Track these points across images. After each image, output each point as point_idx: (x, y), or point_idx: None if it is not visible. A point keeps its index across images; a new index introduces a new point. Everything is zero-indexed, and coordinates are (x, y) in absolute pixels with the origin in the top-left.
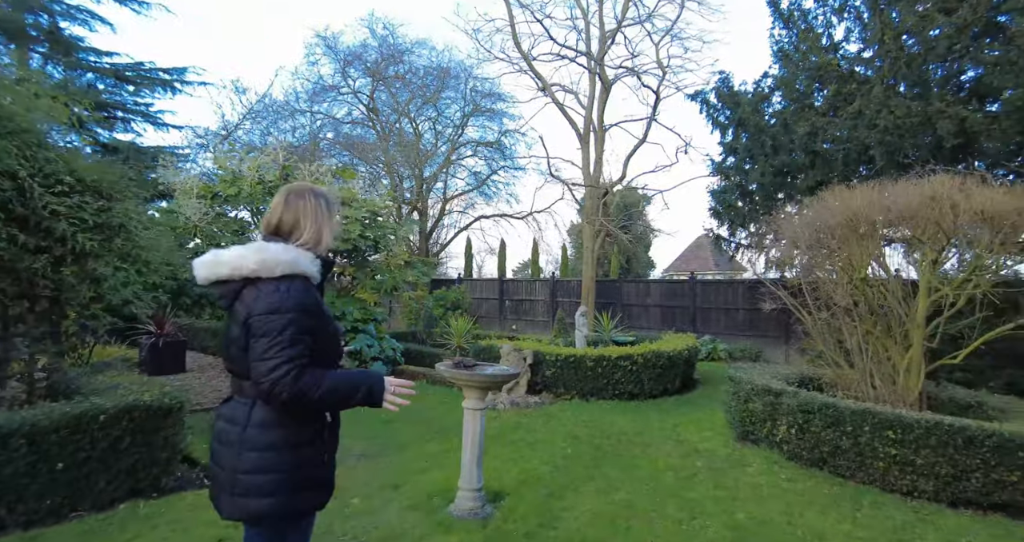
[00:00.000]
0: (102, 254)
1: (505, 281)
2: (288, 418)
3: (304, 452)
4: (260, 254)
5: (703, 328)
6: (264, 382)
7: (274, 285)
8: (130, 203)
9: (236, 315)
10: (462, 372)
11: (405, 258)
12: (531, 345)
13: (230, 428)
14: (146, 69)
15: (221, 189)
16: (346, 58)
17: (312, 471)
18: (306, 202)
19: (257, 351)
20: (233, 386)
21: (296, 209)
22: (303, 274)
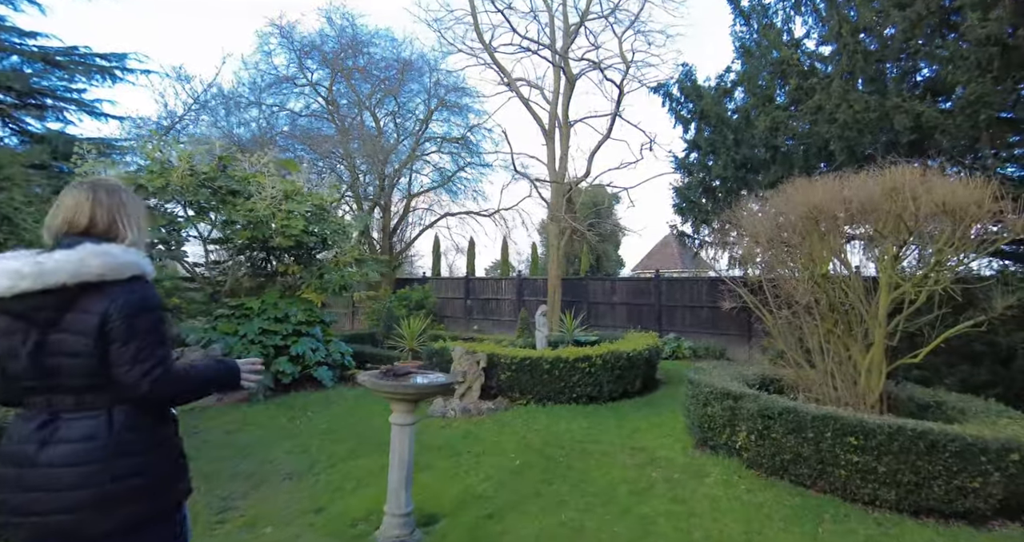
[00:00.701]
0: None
1: (471, 280)
2: (151, 418)
3: (172, 445)
4: (104, 257)
5: (668, 326)
6: (143, 384)
7: (128, 287)
8: (17, 192)
9: (75, 327)
10: (385, 383)
11: (355, 255)
12: (487, 347)
13: (84, 445)
14: (80, 54)
15: (146, 181)
16: (303, 48)
17: (179, 461)
18: (121, 200)
19: (128, 355)
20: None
21: (111, 208)
22: (148, 275)
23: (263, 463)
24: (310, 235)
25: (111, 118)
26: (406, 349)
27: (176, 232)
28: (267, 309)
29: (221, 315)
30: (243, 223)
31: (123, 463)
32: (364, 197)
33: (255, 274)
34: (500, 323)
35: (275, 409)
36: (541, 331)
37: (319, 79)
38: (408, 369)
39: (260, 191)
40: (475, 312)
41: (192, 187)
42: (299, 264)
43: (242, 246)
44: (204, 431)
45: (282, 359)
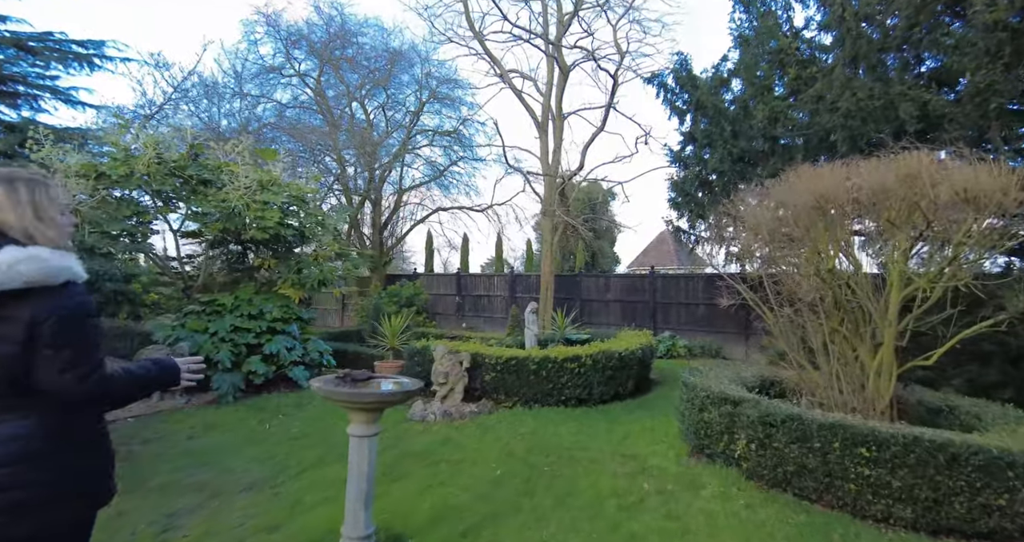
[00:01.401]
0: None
1: (463, 276)
2: (76, 425)
3: (96, 453)
4: (34, 263)
5: (663, 324)
6: (78, 389)
7: (61, 293)
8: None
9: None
10: (340, 390)
11: (337, 250)
12: (471, 346)
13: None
14: (55, 40)
15: (108, 169)
16: (289, 38)
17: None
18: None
19: (62, 361)
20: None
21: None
22: (80, 278)
23: (222, 472)
24: (286, 228)
25: (88, 107)
26: (388, 348)
27: (144, 224)
28: (240, 305)
29: (191, 312)
30: (215, 215)
31: (43, 468)
32: (354, 191)
33: (230, 269)
34: (492, 320)
35: (245, 411)
36: (531, 329)
37: (307, 70)
38: (370, 374)
39: (233, 181)
40: (467, 309)
41: (159, 176)
42: (276, 258)
43: (216, 239)
44: (165, 437)
45: (255, 358)
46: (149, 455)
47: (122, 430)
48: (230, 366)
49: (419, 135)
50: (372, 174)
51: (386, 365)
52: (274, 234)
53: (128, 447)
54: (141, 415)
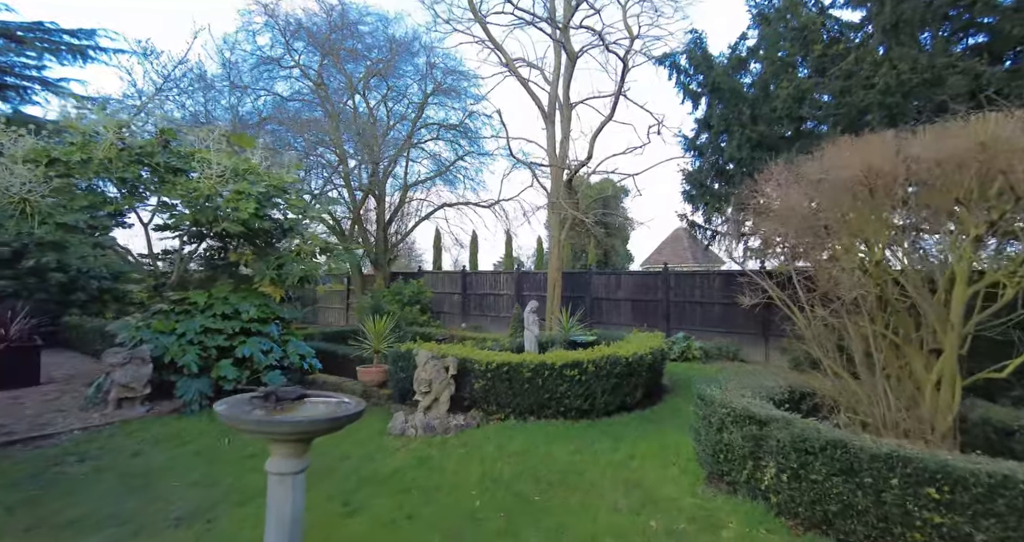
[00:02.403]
0: None
1: (468, 274)
2: None
3: None
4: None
5: (677, 324)
6: None
7: None
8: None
9: None
10: (247, 418)
11: (321, 244)
12: (458, 350)
13: None
14: (46, 30)
15: (63, 154)
16: (288, 28)
17: None
18: None
19: None
20: None
21: None
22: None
23: (153, 501)
24: (263, 219)
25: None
26: (371, 351)
27: (111, 215)
28: (215, 304)
29: (160, 311)
30: (183, 205)
31: None
32: (357, 186)
33: (208, 265)
34: (498, 320)
35: (208, 423)
36: (530, 330)
37: (306, 61)
38: (302, 391)
39: (205, 168)
40: (472, 308)
41: (122, 162)
42: (256, 254)
43: (191, 233)
44: (108, 453)
45: (225, 362)
46: (78, 478)
47: (64, 444)
48: (197, 371)
49: (423, 129)
50: (376, 169)
51: (368, 370)
52: (249, 226)
53: (59, 467)
54: (92, 427)
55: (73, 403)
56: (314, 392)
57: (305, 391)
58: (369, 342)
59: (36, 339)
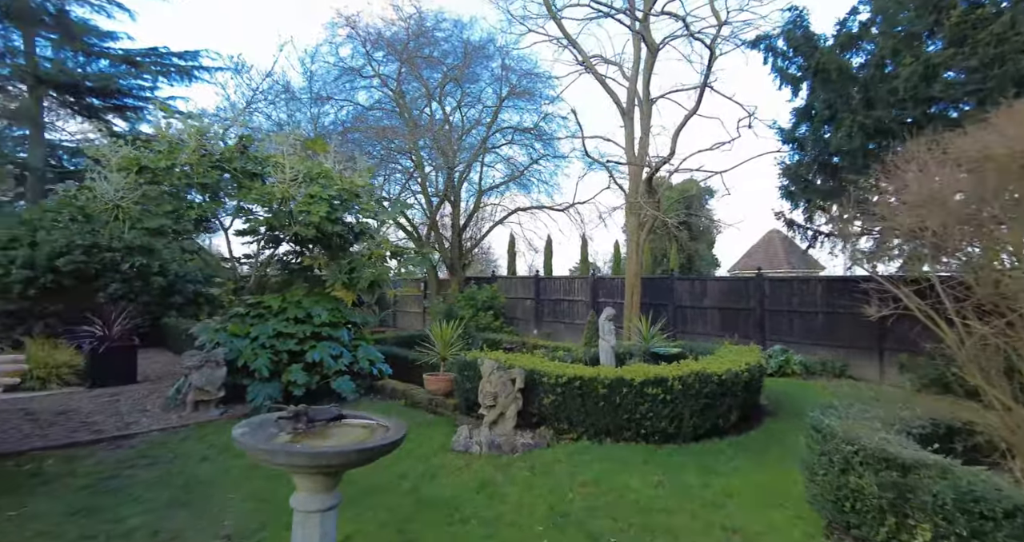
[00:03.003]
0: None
1: (541, 279)
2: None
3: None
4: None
5: (773, 335)
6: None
7: None
8: None
9: None
10: (261, 445)
11: (391, 249)
12: (528, 361)
13: None
14: (159, 54)
15: (151, 162)
16: (368, 38)
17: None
18: None
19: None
20: None
21: None
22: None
23: (208, 514)
24: (334, 223)
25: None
26: (437, 358)
27: (198, 221)
28: (288, 308)
29: (236, 314)
30: (259, 209)
31: None
32: (433, 193)
33: (285, 269)
34: (572, 327)
35: None
36: (606, 340)
37: (386, 71)
38: (339, 411)
39: (280, 172)
40: (545, 314)
41: (203, 168)
42: (330, 257)
43: (269, 237)
44: (178, 458)
45: (296, 367)
46: (145, 483)
47: (140, 447)
48: (268, 375)
49: (498, 133)
50: (451, 174)
51: (435, 378)
52: (321, 230)
53: (132, 471)
54: (169, 428)
55: (158, 403)
56: (353, 413)
57: (342, 411)
58: (435, 348)
59: (134, 339)
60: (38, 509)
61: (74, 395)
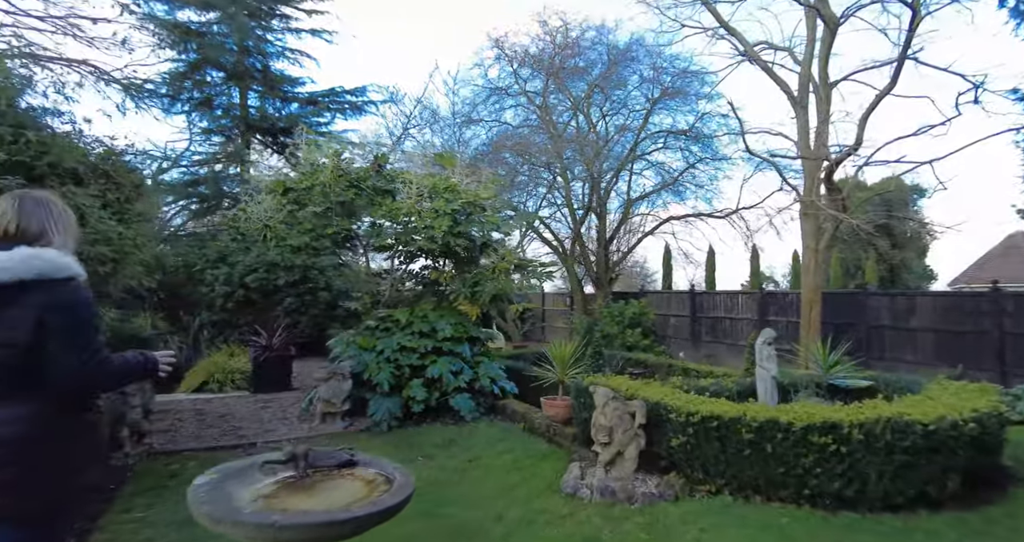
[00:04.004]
0: None
1: (697, 294)
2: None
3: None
4: (41, 259)
5: (1019, 369)
6: (80, 369)
7: (64, 286)
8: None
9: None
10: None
11: (514, 261)
12: (654, 391)
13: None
14: (336, 93)
15: (294, 184)
16: (516, 57)
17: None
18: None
19: (66, 344)
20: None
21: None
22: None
23: None
24: (457, 236)
25: (353, 145)
26: (555, 380)
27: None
28: (414, 322)
29: (368, 327)
30: (389, 225)
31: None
32: (578, 206)
33: (418, 283)
34: (735, 349)
35: (388, 446)
36: (764, 368)
37: (532, 87)
38: (349, 456)
39: (408, 188)
40: (703, 333)
41: (340, 187)
42: (455, 271)
43: (400, 252)
44: None
45: (416, 382)
46: None
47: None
48: (388, 390)
49: (647, 139)
50: (596, 185)
51: (552, 403)
52: (444, 244)
53: None
54: (299, 438)
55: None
56: (368, 459)
57: (354, 456)
58: (554, 369)
59: (291, 349)
60: (159, 515)
61: (239, 399)
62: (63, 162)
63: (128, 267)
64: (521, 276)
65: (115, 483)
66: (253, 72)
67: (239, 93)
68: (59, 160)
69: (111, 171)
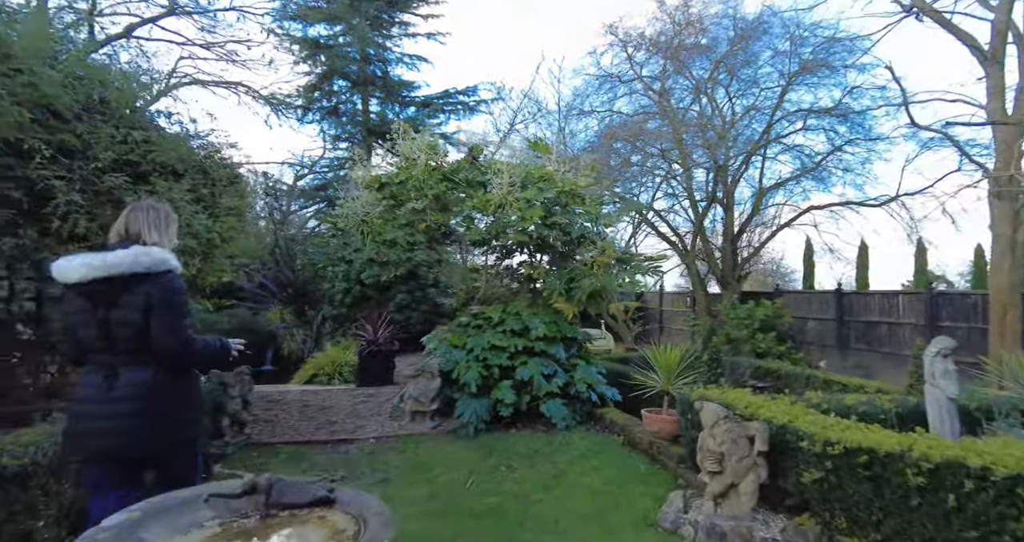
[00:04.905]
0: None
1: (844, 295)
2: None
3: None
4: (149, 256)
5: None
6: (177, 348)
7: (167, 277)
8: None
9: (130, 304)
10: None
11: (615, 255)
12: (779, 409)
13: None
14: (449, 95)
15: (389, 179)
16: (630, 41)
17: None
18: (156, 216)
19: (165, 325)
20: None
21: (147, 222)
22: (176, 269)
23: None
24: (550, 228)
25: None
26: (659, 389)
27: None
28: (506, 320)
29: (459, 324)
30: (479, 218)
31: (160, 403)
32: (701, 198)
33: (513, 278)
34: (894, 360)
35: (472, 452)
36: (936, 386)
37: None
38: (323, 494)
39: (497, 179)
40: (853, 340)
41: (433, 181)
42: (550, 265)
43: (501, 247)
44: (364, 474)
45: (505, 384)
46: None
47: (351, 454)
48: (475, 391)
49: (783, 120)
50: (723, 173)
51: (655, 417)
52: (536, 236)
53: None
54: (384, 437)
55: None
56: (350, 496)
57: (333, 492)
58: (657, 377)
59: (395, 344)
60: None
61: (343, 392)
62: (164, 159)
63: (216, 260)
64: (622, 270)
65: (207, 472)
66: (374, 79)
67: (361, 100)
68: (161, 157)
69: (208, 167)
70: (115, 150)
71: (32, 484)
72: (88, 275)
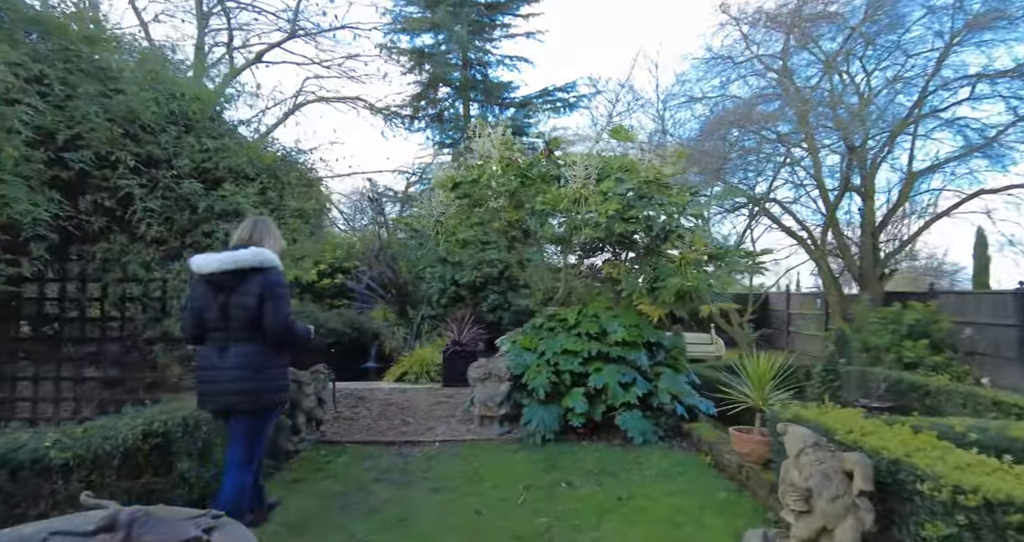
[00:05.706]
0: None
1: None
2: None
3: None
4: (262, 255)
5: None
6: (282, 327)
7: (273, 271)
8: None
9: (247, 292)
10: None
11: (707, 250)
12: (895, 438)
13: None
14: (548, 92)
15: (461, 177)
16: (745, 19)
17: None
18: (265, 226)
19: (274, 310)
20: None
21: (260, 230)
22: (279, 267)
23: None
24: (627, 222)
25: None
26: (751, 404)
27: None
28: (582, 322)
29: (533, 325)
30: (553, 214)
31: (264, 371)
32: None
33: (594, 279)
34: None
35: (536, 463)
36: None
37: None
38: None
39: (572, 171)
40: None
41: (509, 178)
42: (620, 262)
43: (578, 245)
44: (422, 481)
45: (576, 391)
46: (367, 507)
47: (415, 456)
48: (544, 397)
49: (940, 89)
50: (860, 156)
51: (745, 438)
52: (613, 231)
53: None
54: (449, 441)
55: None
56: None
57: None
58: (748, 391)
59: (479, 345)
60: (283, 515)
61: (427, 392)
62: (235, 164)
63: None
64: (717, 268)
65: (277, 467)
66: (475, 83)
67: (463, 105)
68: (232, 162)
69: (278, 171)
70: (193, 158)
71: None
72: (220, 268)
